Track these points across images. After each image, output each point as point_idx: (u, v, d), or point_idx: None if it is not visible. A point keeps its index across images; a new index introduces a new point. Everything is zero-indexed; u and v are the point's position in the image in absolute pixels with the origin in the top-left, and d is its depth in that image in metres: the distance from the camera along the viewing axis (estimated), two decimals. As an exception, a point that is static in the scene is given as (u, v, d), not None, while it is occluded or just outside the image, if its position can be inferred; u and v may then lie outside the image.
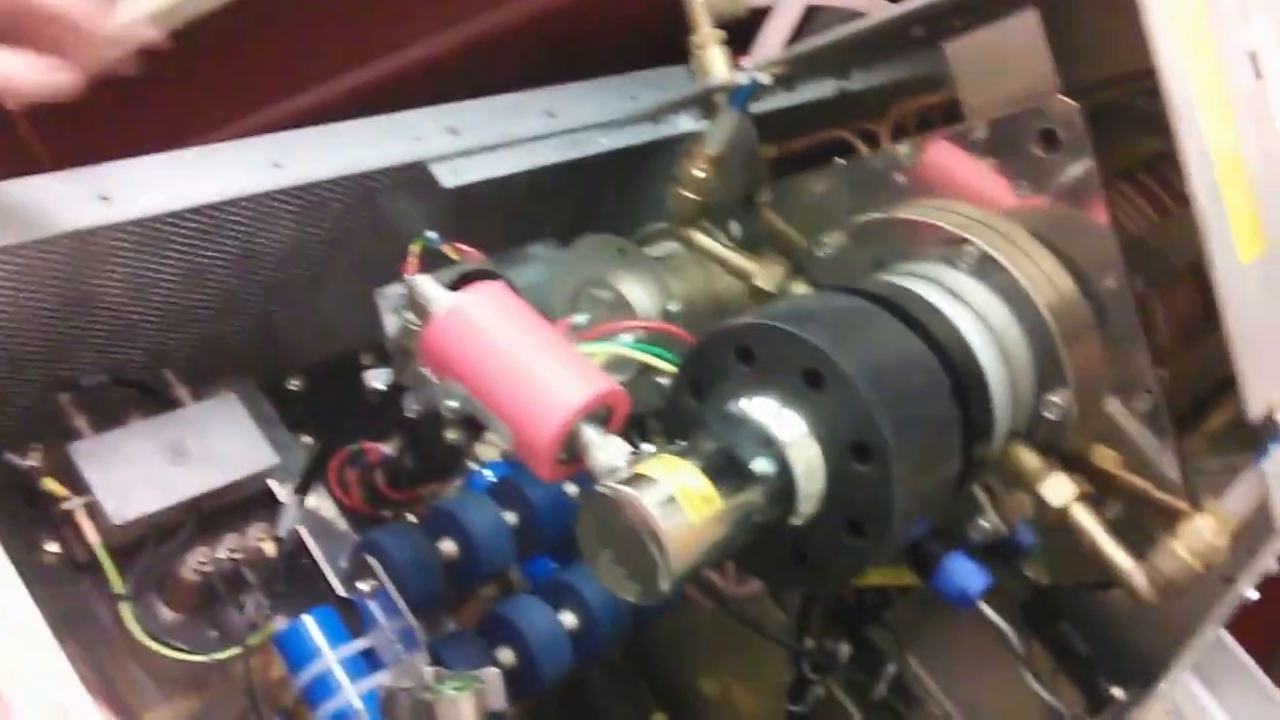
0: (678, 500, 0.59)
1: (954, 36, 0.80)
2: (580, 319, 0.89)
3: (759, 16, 0.99)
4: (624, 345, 0.80)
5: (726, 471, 0.63)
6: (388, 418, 0.95)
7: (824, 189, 0.87)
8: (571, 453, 0.66)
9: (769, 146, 0.97)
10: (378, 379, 0.88)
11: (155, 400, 0.88)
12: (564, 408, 0.65)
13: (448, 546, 0.82)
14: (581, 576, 0.84)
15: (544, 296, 0.94)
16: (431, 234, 0.77)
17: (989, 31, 0.77)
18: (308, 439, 0.95)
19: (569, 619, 0.83)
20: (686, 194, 0.90)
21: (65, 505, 0.79)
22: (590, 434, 0.65)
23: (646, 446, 0.65)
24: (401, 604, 0.77)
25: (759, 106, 0.92)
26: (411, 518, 0.96)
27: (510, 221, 1.02)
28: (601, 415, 0.67)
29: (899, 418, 0.64)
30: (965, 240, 0.77)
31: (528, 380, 0.66)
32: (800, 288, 0.87)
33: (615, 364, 0.80)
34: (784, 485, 0.64)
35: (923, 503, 0.68)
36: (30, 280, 0.76)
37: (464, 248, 0.78)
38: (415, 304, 0.69)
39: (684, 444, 0.65)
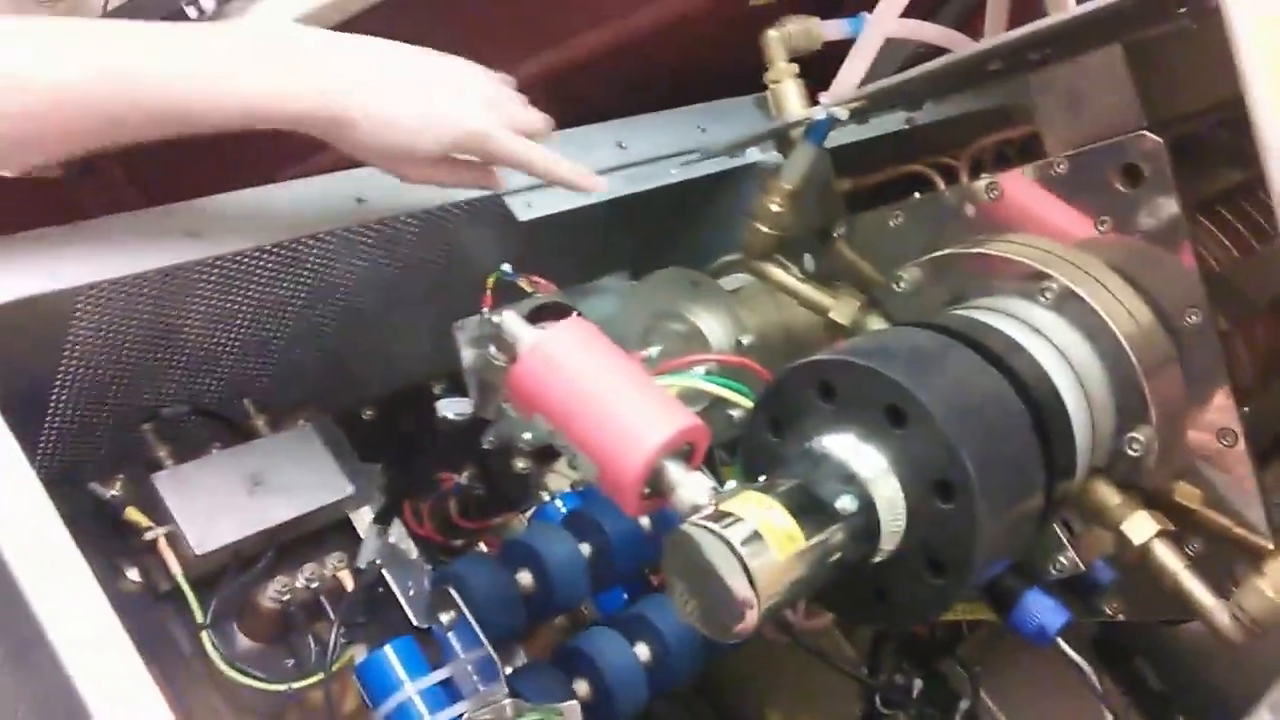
0: (763, 537, 0.59)
1: (1031, 70, 0.80)
2: (653, 351, 0.89)
3: (832, 47, 0.99)
4: (698, 378, 0.80)
5: (809, 508, 0.62)
6: (459, 447, 0.95)
7: (899, 223, 0.87)
8: (656, 487, 0.66)
9: (843, 180, 0.97)
10: (450, 408, 0.89)
11: (234, 431, 0.89)
12: (649, 444, 0.65)
13: (525, 578, 0.82)
14: (655, 609, 0.84)
15: (616, 329, 0.94)
16: (507, 267, 0.77)
17: (1073, 65, 0.77)
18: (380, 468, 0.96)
19: (643, 652, 0.83)
20: (762, 228, 0.90)
21: (148, 535, 0.81)
22: (673, 470, 0.65)
23: (730, 483, 0.65)
24: (481, 635, 0.77)
25: (831, 140, 0.92)
26: (483, 547, 0.97)
27: (582, 252, 1.02)
28: (684, 451, 0.67)
29: (982, 456, 0.63)
30: (1046, 275, 0.77)
31: (613, 416, 0.66)
32: (875, 322, 0.86)
33: (687, 397, 0.80)
34: (867, 523, 0.64)
35: (1005, 541, 0.68)
36: (118, 314, 0.77)
37: (539, 280, 0.78)
38: (500, 340, 0.69)
39: (764, 480, 0.65)
